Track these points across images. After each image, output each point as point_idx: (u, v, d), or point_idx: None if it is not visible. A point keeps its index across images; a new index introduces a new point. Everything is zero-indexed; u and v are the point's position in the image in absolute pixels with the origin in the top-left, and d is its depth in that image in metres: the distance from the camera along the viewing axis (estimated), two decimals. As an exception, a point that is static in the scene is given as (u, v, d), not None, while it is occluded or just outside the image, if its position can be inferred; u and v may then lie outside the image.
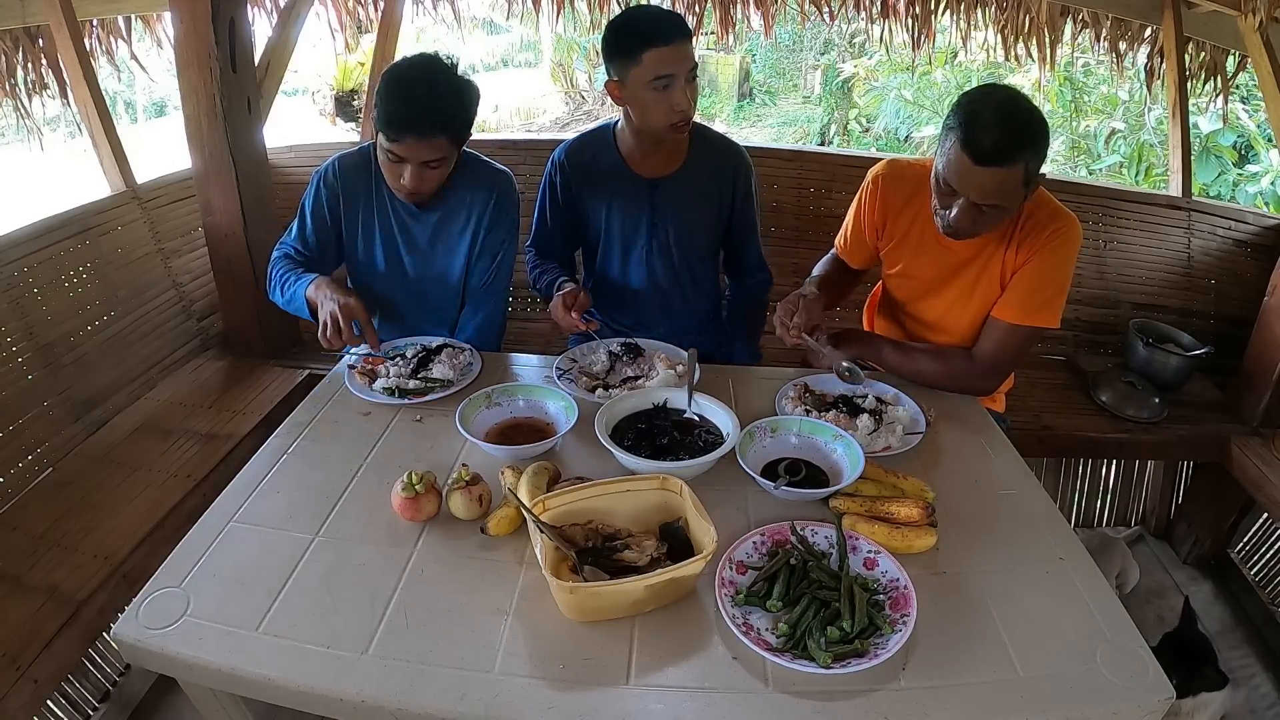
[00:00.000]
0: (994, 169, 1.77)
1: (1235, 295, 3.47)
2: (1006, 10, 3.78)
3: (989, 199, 1.83)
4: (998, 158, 1.75)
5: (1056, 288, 2.04)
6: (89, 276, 2.72)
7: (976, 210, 1.86)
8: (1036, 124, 1.80)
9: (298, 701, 1.28)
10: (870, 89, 10.31)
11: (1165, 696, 1.28)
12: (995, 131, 1.74)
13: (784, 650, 1.30)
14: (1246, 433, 2.95)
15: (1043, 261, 2.01)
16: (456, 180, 2.27)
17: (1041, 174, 1.86)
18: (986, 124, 1.75)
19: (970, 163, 1.78)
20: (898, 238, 2.21)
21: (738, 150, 2.47)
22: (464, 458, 1.81)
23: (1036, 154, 1.79)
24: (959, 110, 1.82)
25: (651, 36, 2.09)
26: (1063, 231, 1.99)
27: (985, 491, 1.77)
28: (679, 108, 2.16)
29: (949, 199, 1.90)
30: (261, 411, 2.72)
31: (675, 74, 2.11)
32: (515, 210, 2.37)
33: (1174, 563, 3.35)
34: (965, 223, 1.90)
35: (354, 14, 4.06)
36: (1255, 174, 6.97)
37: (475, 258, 2.35)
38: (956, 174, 1.83)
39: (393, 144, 2.04)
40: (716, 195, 2.44)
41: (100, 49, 3.48)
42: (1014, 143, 1.75)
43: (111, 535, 2.15)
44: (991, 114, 1.76)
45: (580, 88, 14.27)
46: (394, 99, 2.02)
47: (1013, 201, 1.87)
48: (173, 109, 11.36)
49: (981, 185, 1.81)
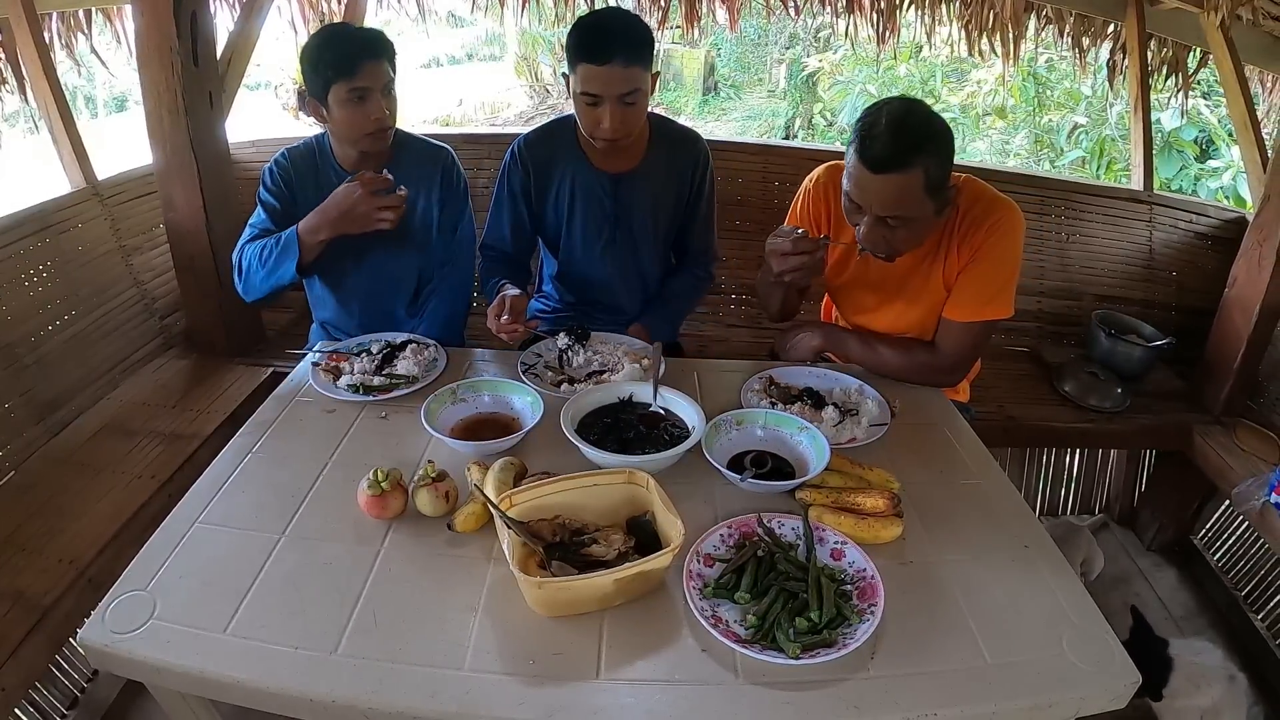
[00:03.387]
0: (889, 175, 1.77)
1: (1196, 287, 3.52)
2: (971, 6, 3.80)
3: (890, 209, 1.82)
4: (891, 163, 1.76)
5: (1004, 279, 2.05)
6: (49, 275, 2.67)
7: (884, 225, 1.86)
8: (932, 130, 1.80)
9: (268, 703, 1.27)
10: (835, 83, 10.33)
11: (1131, 681, 1.30)
12: (888, 138, 1.75)
13: (753, 642, 1.31)
14: (1208, 422, 3.00)
15: (987, 257, 2.01)
16: (397, 158, 2.32)
17: (950, 186, 1.87)
18: (879, 133, 1.76)
19: (867, 172, 1.79)
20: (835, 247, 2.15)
21: (697, 140, 2.47)
22: (430, 454, 1.80)
23: (935, 159, 1.78)
24: (857, 123, 1.83)
25: (587, 52, 2.08)
26: (1002, 223, 1.99)
27: (951, 481, 1.79)
28: (602, 127, 2.15)
29: (856, 215, 1.90)
30: (226, 410, 2.69)
31: (602, 95, 2.11)
32: (463, 180, 2.45)
33: (1138, 550, 3.40)
34: (875, 239, 1.89)
35: (317, 7, 4.01)
36: (1216, 169, 7.06)
37: (436, 233, 2.43)
38: (856, 185, 1.84)
39: (602, 65, 2.08)
40: (676, 187, 2.45)
41: (60, 43, 3.42)
42: (906, 147, 1.75)
43: (76, 539, 2.12)
44: (885, 123, 1.76)
45: (545, 81, 14.20)
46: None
47: (917, 211, 1.84)
48: (134, 104, 11.19)
49: (880, 193, 1.81)
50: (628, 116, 2.16)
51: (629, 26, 2.13)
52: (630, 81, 2.10)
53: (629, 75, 2.09)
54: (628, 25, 2.13)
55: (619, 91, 2.10)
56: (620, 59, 2.06)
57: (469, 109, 13.42)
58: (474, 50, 15.91)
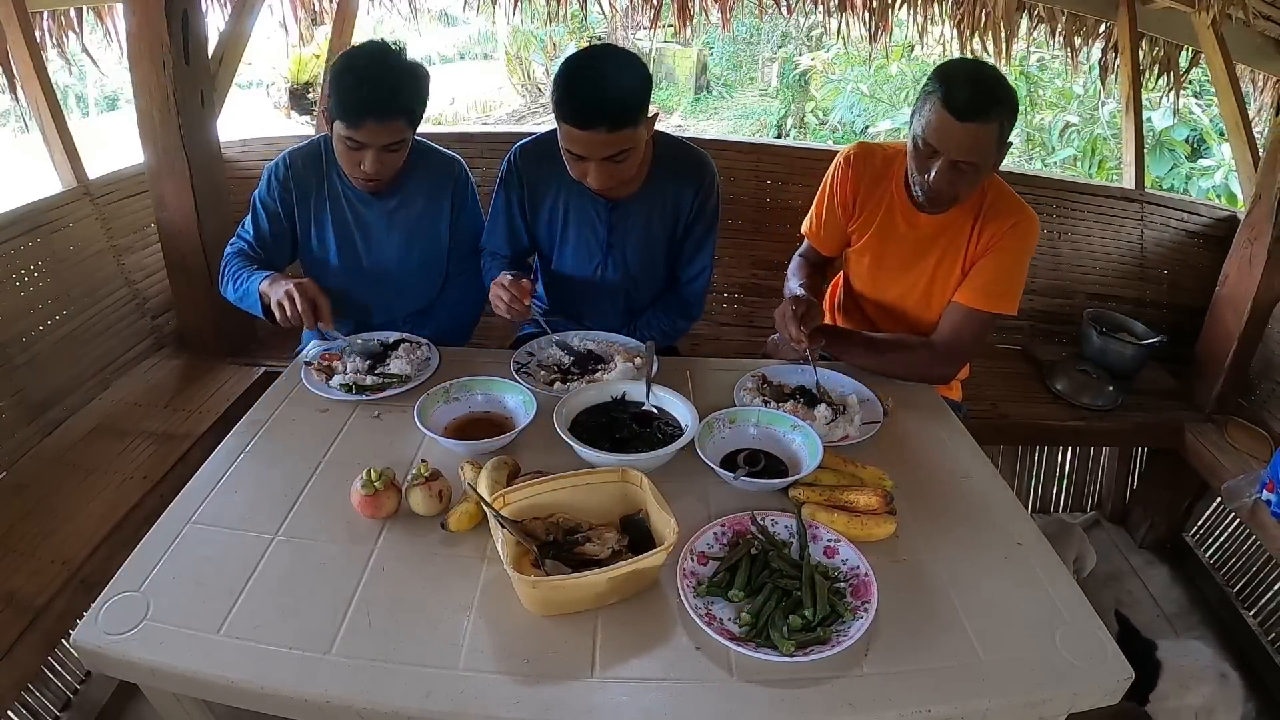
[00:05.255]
0: (972, 124, 1.87)
1: (1188, 285, 3.53)
2: (963, 5, 3.80)
3: (966, 155, 1.92)
4: (976, 113, 1.87)
5: (1016, 277, 2.14)
6: (41, 275, 2.66)
7: (955, 170, 1.96)
8: (1008, 87, 1.92)
9: (262, 704, 1.27)
10: (827, 82, 10.34)
11: (1124, 677, 1.31)
12: (972, 89, 1.87)
13: (747, 639, 1.31)
14: (1200, 419, 3.02)
15: (1004, 251, 2.11)
16: (409, 166, 2.28)
17: (1009, 143, 1.98)
18: (964, 84, 1.88)
19: (951, 119, 1.88)
20: (866, 215, 2.28)
21: (703, 166, 2.28)
22: (423, 453, 1.80)
23: (1009, 114, 1.92)
24: (937, 75, 1.93)
25: (570, 114, 1.93)
26: (1024, 224, 2.10)
27: (943, 479, 1.79)
28: (588, 182, 2.06)
29: (928, 161, 1.99)
30: (218, 410, 2.68)
31: (586, 157, 1.99)
32: (474, 193, 2.43)
33: (1130, 547, 3.41)
34: (943, 183, 1.99)
35: (309, 6, 4.01)
36: (1208, 168, 7.08)
37: (444, 246, 2.41)
38: (937, 132, 1.92)
39: (352, 130, 2.03)
40: (674, 214, 2.30)
41: (51, 41, 3.40)
42: (990, 99, 1.88)
43: (69, 540, 2.11)
44: (968, 74, 1.91)
45: (537, 80, 14.18)
46: (349, 86, 2.01)
47: (987, 159, 1.96)
48: (125, 103, 11.15)
49: (960, 141, 1.90)
50: (616, 172, 2.03)
51: (620, 91, 1.92)
52: (618, 144, 1.96)
53: (616, 139, 1.95)
54: (619, 90, 1.92)
55: (605, 155, 1.97)
56: (606, 126, 1.91)
57: (461, 108, 13.39)
58: (466, 49, 15.86)
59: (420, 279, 2.45)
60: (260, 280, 2.13)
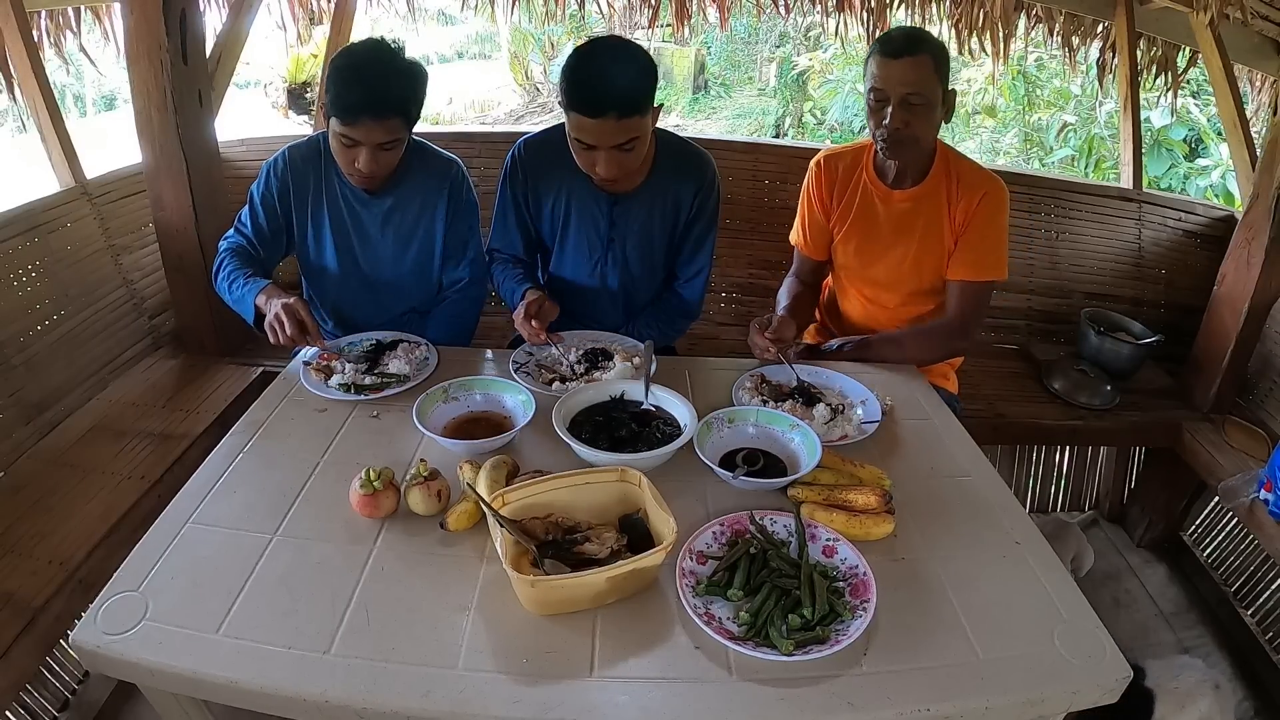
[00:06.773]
0: (906, 59, 2.08)
1: (1185, 285, 3.53)
2: (961, 4, 3.80)
3: (911, 88, 2.10)
4: (907, 48, 2.08)
5: (999, 245, 2.31)
6: (38, 275, 2.65)
7: (906, 107, 2.12)
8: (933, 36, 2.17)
9: (261, 704, 1.27)
10: (825, 82, 10.35)
11: (1123, 675, 1.31)
12: (899, 33, 2.16)
13: (746, 639, 1.31)
14: (1197, 418, 3.02)
15: (983, 222, 2.28)
16: (406, 166, 2.28)
17: (952, 90, 2.19)
18: (892, 33, 2.18)
19: (887, 59, 2.10)
20: (844, 206, 2.43)
21: (704, 164, 2.33)
22: (422, 453, 1.80)
23: (939, 51, 2.12)
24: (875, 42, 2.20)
25: (579, 102, 1.97)
26: (993, 193, 2.27)
27: (942, 478, 1.80)
28: (597, 172, 2.09)
29: (882, 109, 2.15)
30: (216, 410, 2.68)
31: (596, 145, 2.02)
32: (472, 192, 2.42)
33: (1128, 546, 3.41)
34: (899, 121, 2.13)
35: (306, 5, 4.00)
36: (1205, 167, 7.10)
37: (446, 252, 2.40)
38: (879, 77, 2.13)
39: (347, 127, 2.04)
40: (674, 211, 2.34)
41: (49, 41, 3.40)
42: (917, 37, 2.12)
43: (67, 540, 2.10)
44: (895, 29, 2.23)
45: (535, 80, 14.18)
46: (346, 82, 2.02)
47: (932, 94, 2.13)
48: (122, 102, 11.14)
49: (902, 76, 2.09)
50: (625, 161, 2.07)
51: (629, 78, 1.97)
52: (628, 132, 2.00)
53: (626, 126, 1.99)
54: (627, 77, 1.96)
55: (614, 143, 2.01)
56: (616, 113, 1.95)
57: (459, 107, 13.39)
58: (464, 49, 15.87)
59: (415, 279, 2.44)
60: (255, 293, 2.13)
